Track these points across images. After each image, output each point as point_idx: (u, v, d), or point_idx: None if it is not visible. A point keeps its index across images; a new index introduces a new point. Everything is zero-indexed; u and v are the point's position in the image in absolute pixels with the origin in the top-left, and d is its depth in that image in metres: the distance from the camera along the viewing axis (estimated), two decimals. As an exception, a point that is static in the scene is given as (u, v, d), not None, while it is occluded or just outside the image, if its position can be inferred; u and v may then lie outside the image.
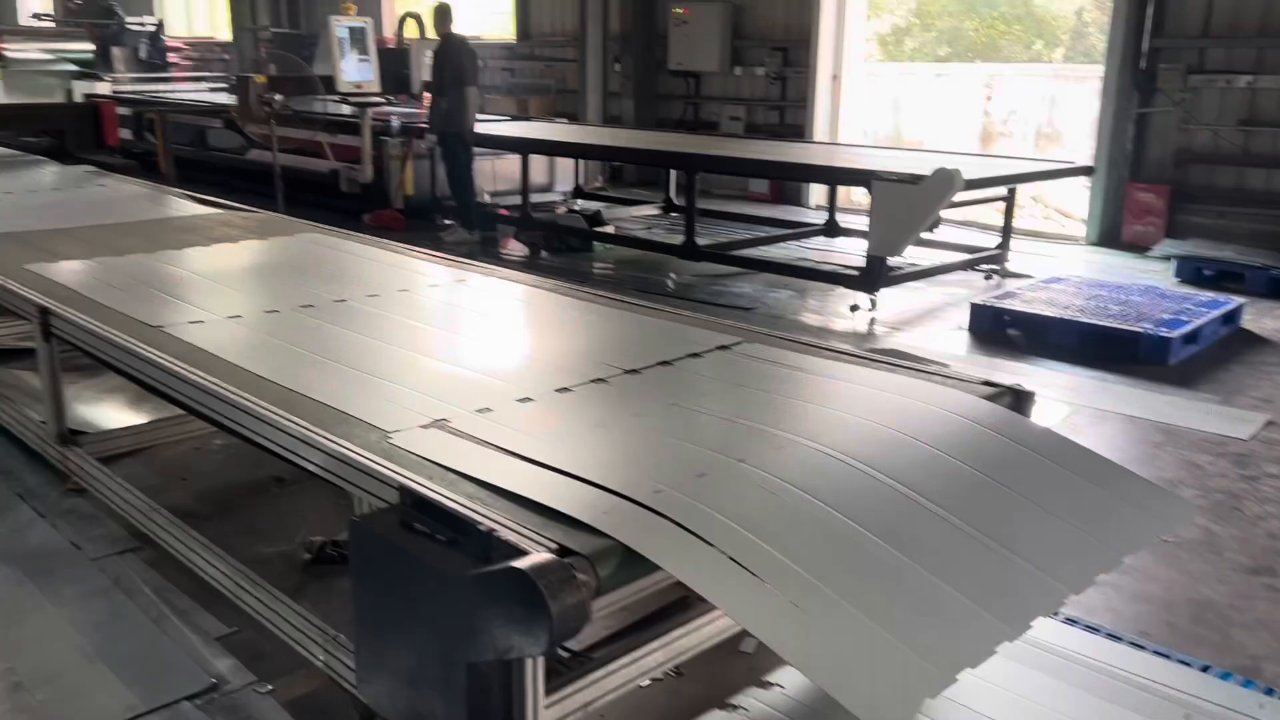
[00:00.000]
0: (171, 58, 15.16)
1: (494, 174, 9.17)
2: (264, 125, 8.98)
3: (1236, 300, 6.47)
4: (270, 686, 2.51)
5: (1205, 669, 2.45)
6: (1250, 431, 4.60)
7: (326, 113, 9.77)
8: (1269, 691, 2.37)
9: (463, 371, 2.67)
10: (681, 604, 2.27)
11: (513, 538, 1.76)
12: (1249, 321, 6.49)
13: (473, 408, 2.33)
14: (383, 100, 9.48)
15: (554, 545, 1.73)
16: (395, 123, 9.09)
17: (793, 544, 1.80)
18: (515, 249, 8.35)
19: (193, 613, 2.82)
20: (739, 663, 2.70)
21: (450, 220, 8.82)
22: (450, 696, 1.81)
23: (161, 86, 13.19)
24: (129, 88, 12.25)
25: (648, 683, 2.63)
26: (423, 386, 2.50)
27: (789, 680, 2.33)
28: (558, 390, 2.49)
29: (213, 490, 3.60)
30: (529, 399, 2.41)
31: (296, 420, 2.24)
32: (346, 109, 9.41)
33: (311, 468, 2.20)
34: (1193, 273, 7.62)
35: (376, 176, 9.04)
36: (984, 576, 1.85)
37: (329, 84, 9.41)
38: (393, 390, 2.48)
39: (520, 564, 1.64)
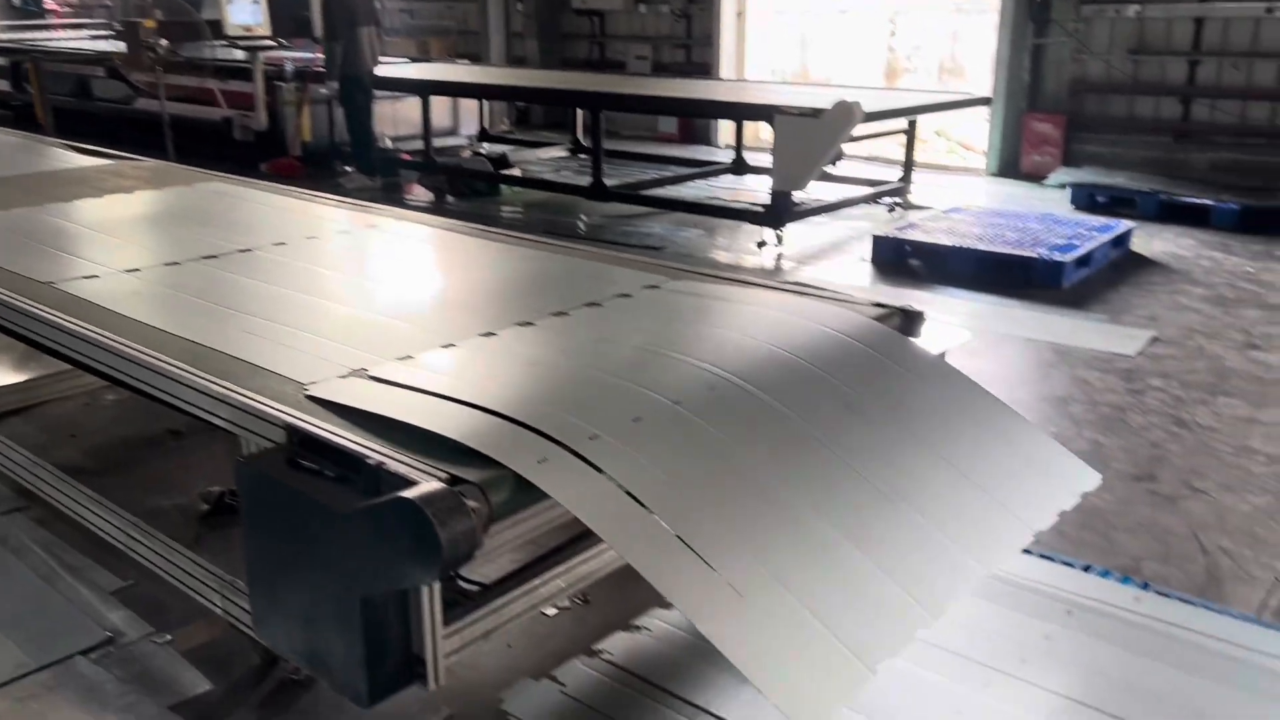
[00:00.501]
0: (49, 4, 14.41)
1: (395, 118, 8.95)
2: (151, 73, 8.61)
3: (1127, 224, 6.69)
4: (169, 636, 2.47)
5: (1086, 568, 2.57)
6: (1137, 348, 4.78)
7: (217, 59, 9.40)
8: (1145, 586, 2.49)
9: (381, 319, 2.57)
10: (587, 533, 2.29)
11: (402, 470, 1.75)
12: (1138, 244, 6.71)
13: (393, 355, 2.24)
14: (274, 44, 9.15)
15: (443, 475, 1.72)
16: (289, 67, 8.79)
17: (683, 472, 1.82)
18: (419, 194, 8.21)
19: (86, 569, 2.76)
20: (646, 586, 2.74)
21: (350, 167, 8.61)
22: (347, 632, 1.80)
23: (39, 34, 12.54)
24: (3, 35, 11.61)
25: (554, 611, 2.66)
26: (339, 335, 2.41)
27: (692, 601, 2.37)
28: (482, 335, 2.42)
29: (104, 446, 3.48)
30: (452, 344, 2.34)
31: (182, 367, 2.18)
32: (239, 54, 9.07)
33: (199, 413, 2.15)
34: (1087, 199, 7.85)
35: (271, 123, 8.75)
36: (900, 543, 1.87)
37: (217, 29, 9.04)
38: (307, 340, 2.38)
39: (408, 494, 1.63)
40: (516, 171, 8.56)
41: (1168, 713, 2.00)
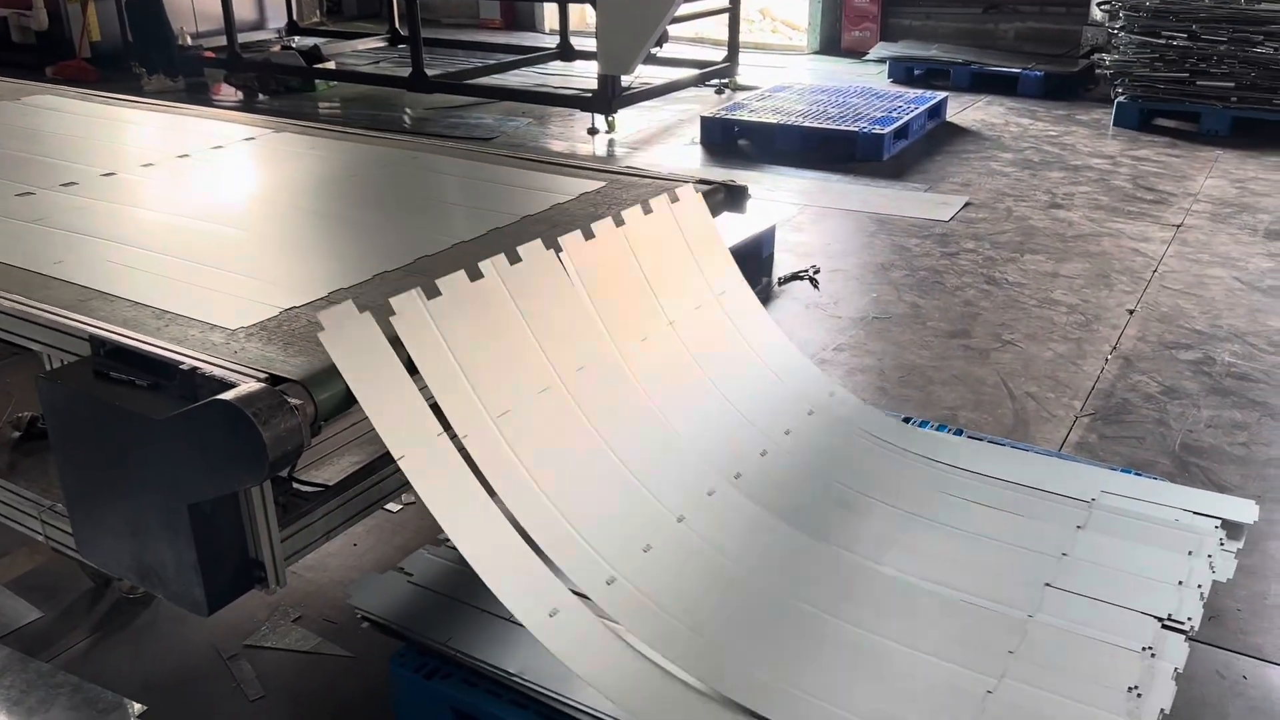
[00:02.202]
0: None
1: (194, 12, 8.34)
2: (-98, -32, 7.72)
3: (941, 95, 6.93)
4: (-11, 570, 2.36)
5: (907, 420, 2.73)
6: (951, 213, 5.02)
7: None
8: (959, 432, 2.67)
9: (303, 251, 2.34)
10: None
11: (218, 373, 1.69)
12: (952, 114, 6.98)
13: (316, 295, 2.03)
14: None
15: (263, 375, 1.68)
16: (65, -42, 8.04)
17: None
18: (227, 94, 7.72)
19: (-113, 510, 2.57)
20: (490, 477, 2.77)
21: (145, 67, 8.00)
22: (177, 542, 1.76)
23: None
24: None
25: (398, 508, 2.66)
26: (259, 272, 2.18)
27: (535, 484, 2.41)
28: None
29: (-105, 380, 3.23)
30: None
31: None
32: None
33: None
34: (903, 73, 8.07)
35: (53, 23, 8.01)
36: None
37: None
38: (220, 278, 2.14)
39: (227, 396, 1.58)
40: (331, 65, 8.15)
41: (978, 542, 2.17)
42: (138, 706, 2.01)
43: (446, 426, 1.85)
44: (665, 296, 2.38)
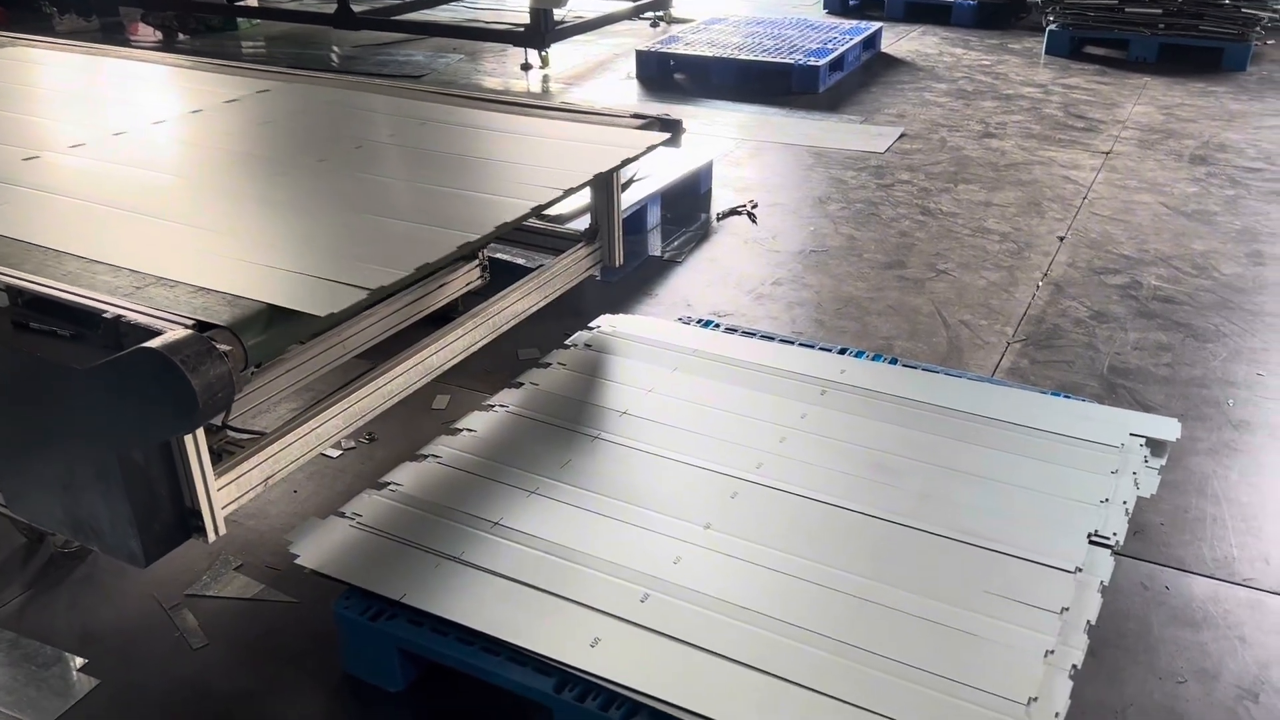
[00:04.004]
0: None
1: (105, -53, 7.97)
2: None
3: (876, 25, 6.91)
4: (-84, 530, 2.30)
5: (842, 351, 2.77)
6: (886, 145, 5.04)
7: None
8: (894, 361, 2.72)
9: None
10: (364, 373, 2.26)
11: (144, 320, 1.65)
12: (887, 45, 6.97)
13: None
14: None
15: (190, 322, 1.64)
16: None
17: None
18: (145, 34, 7.43)
19: None
20: (431, 420, 2.76)
21: (57, 6, 7.65)
22: (110, 494, 1.73)
23: None
24: None
25: (338, 453, 2.64)
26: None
27: (478, 424, 2.41)
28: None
29: None
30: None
31: None
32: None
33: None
34: (839, 3, 8.03)
35: (-48, -41, 7.62)
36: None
37: None
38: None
39: (153, 344, 1.55)
40: (253, 1, 7.87)
41: (909, 466, 2.22)
42: (78, 660, 2.00)
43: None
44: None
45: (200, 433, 1.76)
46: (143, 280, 1.81)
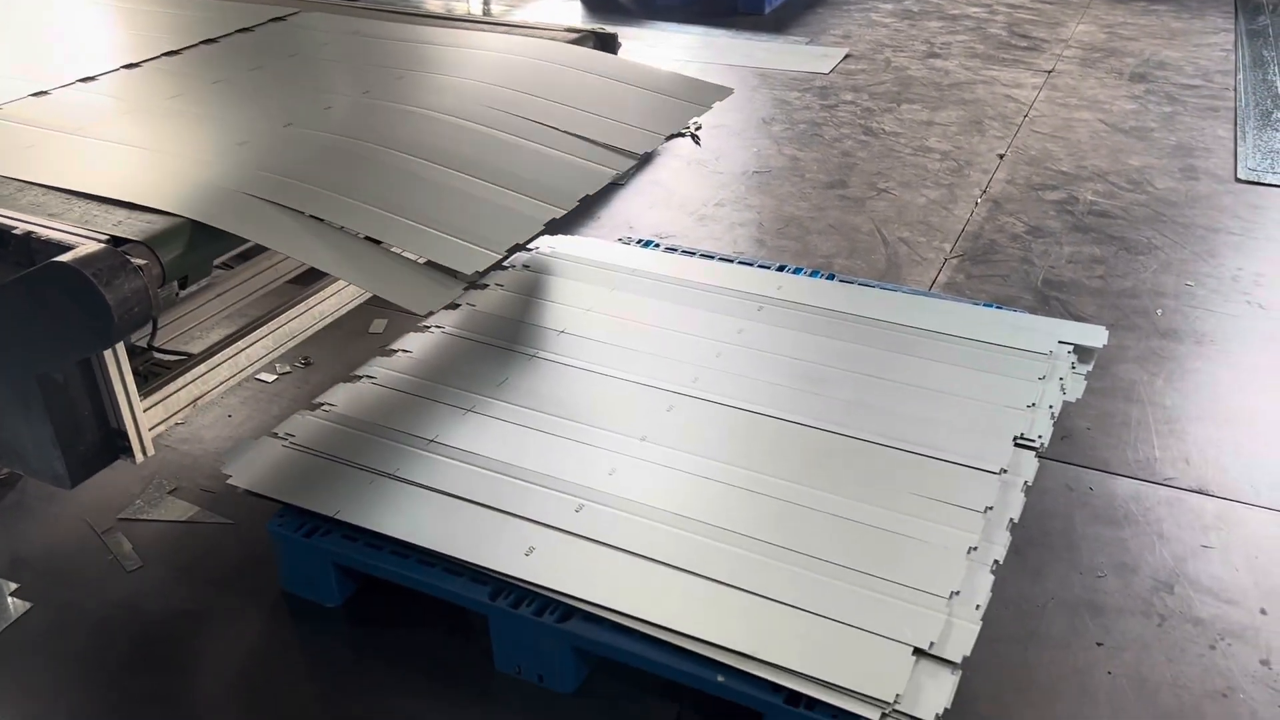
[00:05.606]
0: None
1: None
2: None
3: (822, -54, 6.80)
4: None
5: (781, 269, 2.78)
6: (831, 66, 5.00)
7: None
8: (830, 276, 2.73)
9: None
10: (295, 296, 2.23)
11: (56, 235, 1.61)
12: (834, -34, 6.87)
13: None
14: None
15: (103, 236, 1.61)
16: None
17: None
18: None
19: None
20: (368, 344, 2.74)
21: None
22: (31, 416, 1.70)
23: None
24: None
25: (273, 377, 2.62)
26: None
27: (414, 345, 2.39)
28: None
29: None
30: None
31: None
32: None
33: None
34: (786, -77, 7.87)
35: None
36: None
37: None
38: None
39: (64, 258, 1.52)
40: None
41: (842, 376, 2.25)
42: (11, 585, 1.99)
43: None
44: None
45: (123, 352, 1.73)
46: (52, 195, 1.76)
